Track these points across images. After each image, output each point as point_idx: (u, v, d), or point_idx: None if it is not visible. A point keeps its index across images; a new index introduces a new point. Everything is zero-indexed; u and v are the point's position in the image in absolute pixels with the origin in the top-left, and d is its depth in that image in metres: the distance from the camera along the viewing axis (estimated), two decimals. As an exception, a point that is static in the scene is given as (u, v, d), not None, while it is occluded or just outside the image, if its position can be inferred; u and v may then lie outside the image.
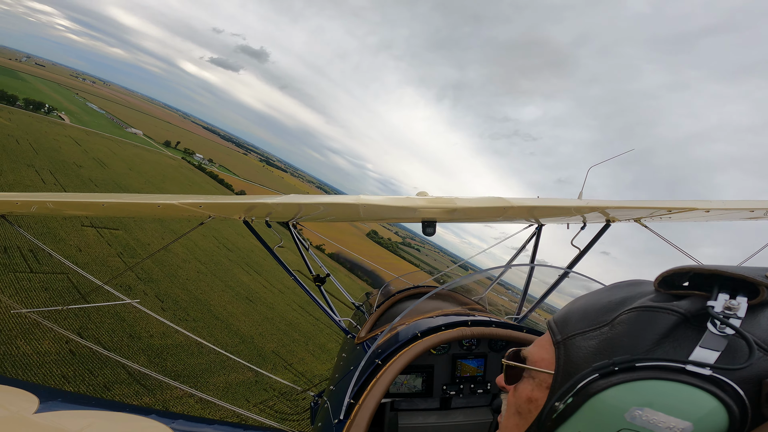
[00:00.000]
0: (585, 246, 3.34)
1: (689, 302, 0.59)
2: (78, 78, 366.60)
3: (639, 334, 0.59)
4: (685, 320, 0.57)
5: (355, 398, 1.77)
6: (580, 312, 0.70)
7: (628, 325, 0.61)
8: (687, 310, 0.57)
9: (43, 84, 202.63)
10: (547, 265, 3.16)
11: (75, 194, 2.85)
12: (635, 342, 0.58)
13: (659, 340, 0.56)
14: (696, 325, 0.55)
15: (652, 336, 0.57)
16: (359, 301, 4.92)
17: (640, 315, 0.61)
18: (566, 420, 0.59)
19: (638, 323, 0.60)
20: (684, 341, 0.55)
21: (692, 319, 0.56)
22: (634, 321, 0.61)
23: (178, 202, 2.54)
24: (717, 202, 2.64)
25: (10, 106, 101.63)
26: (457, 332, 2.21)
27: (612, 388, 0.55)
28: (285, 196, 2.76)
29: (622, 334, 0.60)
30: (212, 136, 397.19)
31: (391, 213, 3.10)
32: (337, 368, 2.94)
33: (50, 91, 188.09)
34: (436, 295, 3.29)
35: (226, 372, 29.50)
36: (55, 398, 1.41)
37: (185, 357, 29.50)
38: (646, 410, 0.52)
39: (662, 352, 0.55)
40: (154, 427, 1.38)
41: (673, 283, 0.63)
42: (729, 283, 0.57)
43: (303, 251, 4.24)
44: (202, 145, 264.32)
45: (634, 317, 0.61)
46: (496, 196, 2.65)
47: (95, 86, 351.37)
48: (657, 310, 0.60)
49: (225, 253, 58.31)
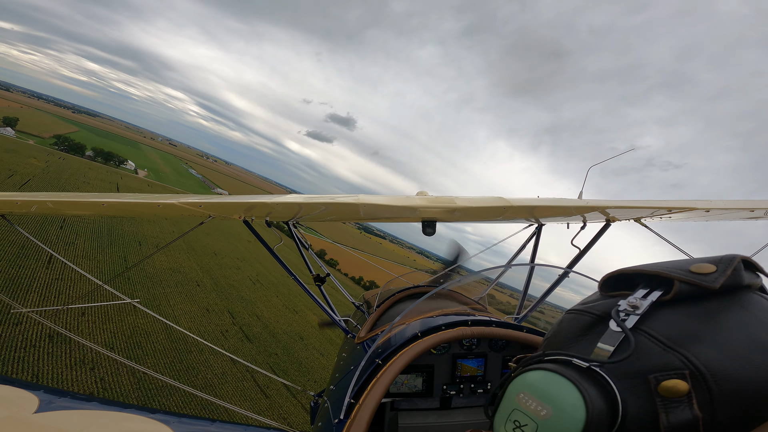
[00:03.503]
0: (585, 246, 3.34)
1: (609, 302, 0.65)
2: (203, 157, 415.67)
3: (562, 333, 0.69)
4: (599, 319, 0.64)
5: (355, 398, 1.77)
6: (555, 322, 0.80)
7: (558, 326, 0.72)
8: (602, 311, 0.65)
9: (154, 153, 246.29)
10: (547, 265, 3.16)
11: (75, 194, 2.84)
12: (558, 340, 0.68)
13: (576, 338, 0.65)
14: (606, 324, 0.61)
15: (570, 335, 0.67)
16: (359, 301, 4.92)
17: (567, 317, 0.71)
18: (499, 404, 0.68)
19: (564, 324, 0.70)
20: (596, 338, 0.61)
21: (606, 318, 0.62)
22: (562, 322, 0.71)
23: (178, 202, 2.54)
24: (717, 202, 2.63)
25: (85, 158, 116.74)
26: (457, 332, 2.20)
27: (519, 376, 0.64)
28: (285, 195, 2.75)
29: (553, 334, 0.71)
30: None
31: (391, 213, 3.09)
32: (338, 368, 2.93)
33: (156, 158, 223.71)
34: (436, 295, 3.29)
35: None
36: (55, 398, 1.41)
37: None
38: (526, 394, 0.60)
39: (576, 348, 0.63)
40: (154, 427, 1.38)
41: (613, 286, 0.69)
42: (650, 280, 0.62)
43: (303, 251, 4.24)
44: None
45: (564, 319, 0.72)
46: (496, 196, 2.64)
47: (217, 164, 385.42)
48: (578, 312, 0.69)
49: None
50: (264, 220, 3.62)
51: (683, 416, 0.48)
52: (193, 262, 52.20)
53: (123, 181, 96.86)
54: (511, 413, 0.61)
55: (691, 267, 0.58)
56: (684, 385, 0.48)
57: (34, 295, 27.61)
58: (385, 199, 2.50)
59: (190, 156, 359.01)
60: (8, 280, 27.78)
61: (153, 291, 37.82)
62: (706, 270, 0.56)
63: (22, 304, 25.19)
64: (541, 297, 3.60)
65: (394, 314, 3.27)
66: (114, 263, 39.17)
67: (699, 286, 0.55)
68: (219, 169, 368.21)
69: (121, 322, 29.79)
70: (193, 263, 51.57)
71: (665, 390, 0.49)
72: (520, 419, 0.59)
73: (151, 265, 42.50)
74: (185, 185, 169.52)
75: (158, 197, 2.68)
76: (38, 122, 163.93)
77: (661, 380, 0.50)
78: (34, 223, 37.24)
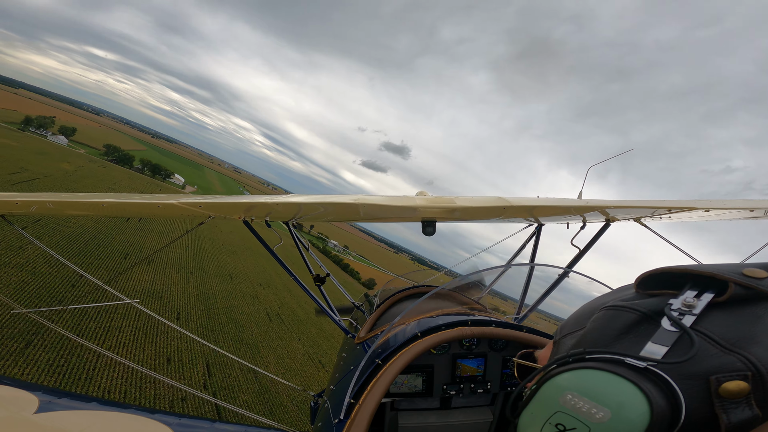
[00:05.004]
0: (585, 245, 3.34)
1: (655, 301, 0.63)
2: (264, 184, 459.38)
3: (602, 330, 0.64)
4: (645, 317, 0.61)
5: (355, 398, 1.77)
6: (576, 315, 0.77)
7: (596, 323, 0.67)
8: (648, 309, 0.62)
9: (215, 175, 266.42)
10: (547, 265, 3.16)
11: (75, 194, 2.84)
12: (598, 337, 0.64)
13: (619, 335, 0.61)
14: (656, 322, 0.59)
15: (612, 332, 0.62)
16: (359, 301, 4.92)
17: (605, 313, 0.67)
18: (529, 402, 0.64)
19: (603, 320, 0.66)
20: (642, 337, 0.58)
21: (653, 316, 0.60)
22: (600, 319, 0.67)
23: (178, 202, 2.54)
24: (717, 202, 2.63)
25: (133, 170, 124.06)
26: (457, 332, 2.20)
27: (558, 375, 0.60)
28: (285, 195, 2.75)
29: (590, 330, 0.67)
30: (367, 237, 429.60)
31: (391, 213, 3.09)
32: (337, 368, 2.93)
33: (214, 179, 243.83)
34: (436, 295, 3.29)
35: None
36: (55, 398, 1.41)
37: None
38: (575, 395, 0.56)
39: (620, 346, 0.59)
40: (154, 427, 1.38)
41: (653, 284, 0.67)
42: (700, 281, 0.60)
43: (303, 251, 4.24)
44: (353, 242, 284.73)
45: (601, 316, 0.67)
46: (495, 196, 2.64)
47: (276, 191, 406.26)
48: (620, 308, 0.65)
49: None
50: (264, 221, 3.62)
51: (744, 415, 0.48)
52: (192, 284, 41.48)
53: (160, 192, 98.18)
54: (553, 416, 0.58)
55: (744, 270, 0.58)
56: (746, 386, 0.48)
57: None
58: (385, 199, 2.50)
59: (251, 182, 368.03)
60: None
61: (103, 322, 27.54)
62: (760, 275, 0.56)
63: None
64: (541, 297, 3.60)
65: (394, 314, 3.27)
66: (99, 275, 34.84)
67: (754, 289, 0.55)
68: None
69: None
70: (190, 286, 40.54)
71: (727, 391, 0.49)
72: (566, 422, 0.56)
73: (137, 278, 36.37)
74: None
75: (158, 197, 2.68)
76: (111, 140, 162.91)
77: (723, 381, 0.49)
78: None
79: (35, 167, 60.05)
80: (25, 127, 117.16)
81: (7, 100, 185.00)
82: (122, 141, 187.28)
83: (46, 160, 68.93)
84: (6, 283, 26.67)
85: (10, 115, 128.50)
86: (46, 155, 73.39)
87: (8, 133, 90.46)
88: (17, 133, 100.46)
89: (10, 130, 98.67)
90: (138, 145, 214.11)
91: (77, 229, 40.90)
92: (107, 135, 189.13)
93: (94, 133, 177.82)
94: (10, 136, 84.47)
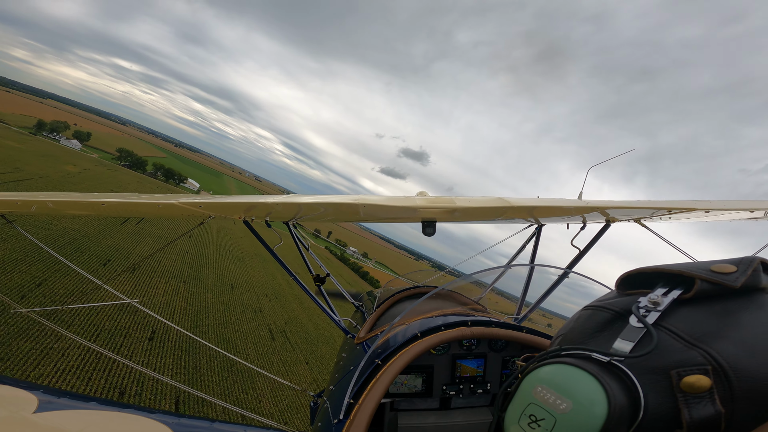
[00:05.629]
0: (585, 246, 3.34)
1: (628, 300, 0.66)
2: (283, 193, 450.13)
3: (580, 329, 0.69)
4: (618, 316, 0.65)
5: (354, 398, 1.76)
6: (570, 318, 0.80)
7: (576, 322, 0.72)
8: (621, 307, 0.65)
9: (233, 183, 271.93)
10: (547, 265, 3.17)
11: (75, 194, 2.84)
12: (576, 336, 0.68)
13: (594, 333, 0.65)
14: (626, 320, 0.62)
15: (588, 330, 0.67)
16: (359, 301, 4.92)
17: (584, 313, 0.72)
18: (512, 398, 0.68)
19: (581, 320, 0.71)
20: (614, 334, 0.61)
21: (624, 314, 0.63)
22: (579, 318, 0.72)
23: (178, 202, 2.54)
24: (717, 202, 2.63)
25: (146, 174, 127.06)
26: (456, 332, 2.21)
27: (535, 370, 0.64)
28: (285, 195, 2.75)
29: (570, 329, 0.72)
30: (386, 244, 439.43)
31: (391, 213, 3.09)
32: (337, 368, 2.93)
33: (233, 186, 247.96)
34: (436, 295, 3.29)
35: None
36: (55, 398, 1.41)
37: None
38: (544, 387, 0.59)
39: (594, 343, 0.63)
40: (154, 427, 1.38)
41: (630, 284, 0.70)
42: (670, 279, 0.63)
43: (303, 251, 4.24)
44: (372, 249, 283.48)
45: (580, 315, 0.72)
46: (495, 197, 2.65)
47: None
48: (597, 308, 0.70)
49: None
50: (264, 221, 3.62)
51: (706, 411, 0.48)
52: (182, 295, 35.13)
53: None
54: (527, 407, 0.61)
55: (711, 267, 0.59)
56: (707, 380, 0.49)
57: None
58: (385, 199, 2.50)
59: (271, 191, 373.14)
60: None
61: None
62: (727, 270, 0.58)
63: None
64: (541, 297, 3.60)
65: (394, 314, 3.27)
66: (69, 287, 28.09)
67: (720, 284, 0.56)
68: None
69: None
70: (178, 298, 34.19)
71: (688, 385, 0.50)
72: (537, 413, 0.59)
73: (114, 286, 32.65)
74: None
75: (158, 197, 2.68)
76: (132, 147, 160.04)
77: (684, 375, 0.50)
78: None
79: (33, 168, 59.21)
80: (37, 131, 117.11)
81: (30, 108, 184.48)
82: (144, 149, 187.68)
83: (48, 161, 68.67)
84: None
85: (27, 121, 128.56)
86: (50, 157, 73.17)
87: (17, 136, 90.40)
88: (27, 136, 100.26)
89: (21, 134, 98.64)
90: (159, 152, 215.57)
91: (56, 232, 36.21)
92: (126, 142, 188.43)
93: (111, 139, 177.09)
94: (18, 139, 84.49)
